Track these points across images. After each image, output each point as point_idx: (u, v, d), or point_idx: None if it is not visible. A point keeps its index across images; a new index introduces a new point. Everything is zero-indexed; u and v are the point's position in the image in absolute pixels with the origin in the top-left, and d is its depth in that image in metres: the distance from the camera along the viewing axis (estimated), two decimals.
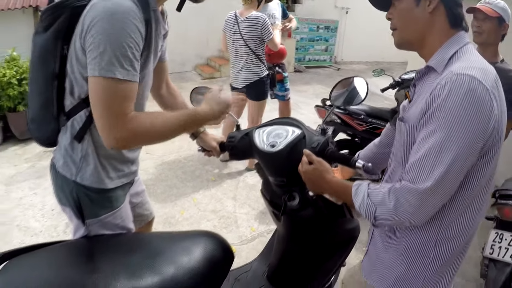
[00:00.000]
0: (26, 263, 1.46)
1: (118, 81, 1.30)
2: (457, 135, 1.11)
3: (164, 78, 1.98)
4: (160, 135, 1.47)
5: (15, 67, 5.16)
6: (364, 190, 1.32)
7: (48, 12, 1.46)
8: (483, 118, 1.11)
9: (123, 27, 1.29)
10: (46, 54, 1.48)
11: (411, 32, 1.32)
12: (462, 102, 1.09)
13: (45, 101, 1.54)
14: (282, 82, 4.80)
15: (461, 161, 1.13)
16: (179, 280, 1.43)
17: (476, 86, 1.10)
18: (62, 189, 1.63)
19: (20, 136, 5.41)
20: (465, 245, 1.36)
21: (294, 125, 1.77)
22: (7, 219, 3.67)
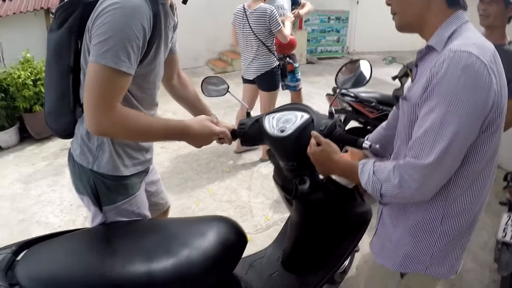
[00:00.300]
0: (45, 250, 1.52)
1: (111, 70, 1.34)
2: (457, 110, 1.12)
3: (176, 69, 2.02)
4: (141, 135, 1.54)
5: (29, 68, 5.24)
6: (369, 168, 1.34)
7: (62, 9, 1.51)
8: (482, 93, 1.13)
9: (128, 22, 1.33)
10: (61, 50, 1.53)
11: (410, 15, 1.33)
12: (460, 77, 1.11)
13: (61, 94, 1.60)
14: (293, 72, 4.80)
15: (462, 135, 1.14)
16: (193, 261, 1.47)
17: (473, 62, 1.12)
18: (79, 178, 1.68)
19: (36, 136, 5.50)
20: (471, 222, 1.37)
21: (303, 110, 1.80)
22: (27, 215, 3.76)
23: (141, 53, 1.44)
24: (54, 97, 1.63)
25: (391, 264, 1.47)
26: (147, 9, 1.40)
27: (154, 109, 1.78)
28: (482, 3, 2.67)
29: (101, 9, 1.35)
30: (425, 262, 1.40)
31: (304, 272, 2.16)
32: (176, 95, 2.08)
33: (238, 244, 1.68)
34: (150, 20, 1.42)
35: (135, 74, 1.49)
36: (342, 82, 1.83)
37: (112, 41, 1.32)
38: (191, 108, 2.11)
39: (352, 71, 1.81)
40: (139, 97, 1.63)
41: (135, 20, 1.35)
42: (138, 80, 1.56)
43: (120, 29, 1.33)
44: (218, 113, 2.16)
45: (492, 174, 1.35)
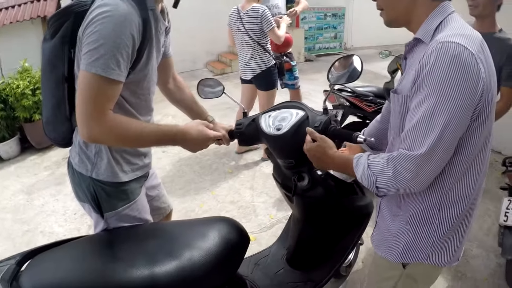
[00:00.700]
0: (49, 259, 1.53)
1: (101, 78, 1.35)
2: (447, 100, 1.13)
3: (171, 73, 2.02)
4: (133, 142, 1.54)
5: (28, 77, 5.25)
6: (364, 161, 1.34)
7: (54, 19, 1.53)
8: (471, 82, 1.13)
9: (117, 30, 1.34)
10: (55, 59, 1.55)
11: (396, 10, 1.33)
12: (448, 68, 1.12)
13: (57, 103, 1.61)
14: (291, 71, 4.80)
15: (453, 125, 1.15)
16: (196, 263, 1.47)
17: (461, 52, 1.12)
18: (79, 185, 1.69)
19: (37, 145, 5.51)
20: (469, 208, 1.37)
21: (298, 108, 1.82)
22: (31, 226, 3.77)
23: (131, 60, 1.45)
24: (50, 106, 1.64)
25: (392, 255, 1.48)
26: (136, 16, 1.41)
27: (150, 115, 1.78)
28: None
29: (91, 18, 1.36)
30: (425, 251, 1.41)
31: (309, 268, 2.17)
32: (173, 99, 2.09)
33: (240, 244, 1.69)
34: (139, 27, 1.43)
35: (129, 80, 1.51)
36: (336, 78, 1.83)
37: (102, 50, 1.33)
38: (188, 111, 2.11)
39: (345, 67, 1.82)
40: (134, 103, 1.64)
41: (124, 28, 1.36)
42: (132, 87, 1.58)
43: (110, 38, 1.34)
44: (218, 114, 2.17)
45: (486, 160, 1.35)
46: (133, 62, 1.48)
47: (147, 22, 1.46)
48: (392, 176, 1.24)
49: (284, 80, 4.84)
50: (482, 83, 1.16)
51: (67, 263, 1.51)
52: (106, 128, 1.40)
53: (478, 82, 1.15)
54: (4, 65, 5.71)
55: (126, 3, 1.38)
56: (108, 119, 1.40)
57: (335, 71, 1.83)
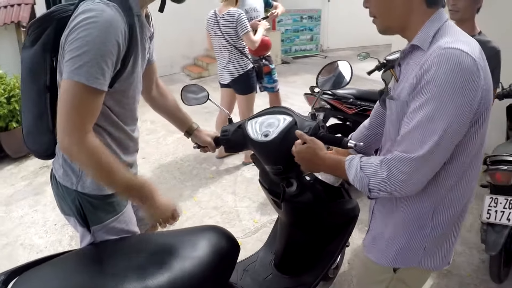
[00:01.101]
0: (35, 277, 1.48)
1: (84, 86, 1.31)
2: (448, 105, 1.14)
3: (154, 80, 1.98)
4: (101, 175, 1.43)
5: (2, 85, 5.12)
6: (356, 163, 1.34)
7: (34, 26, 1.48)
8: (472, 89, 1.15)
9: (101, 36, 1.30)
10: (36, 68, 1.50)
11: (391, 19, 1.33)
12: (451, 74, 1.13)
13: (39, 113, 1.55)
14: (270, 74, 4.81)
15: (452, 130, 1.16)
16: (189, 273, 1.46)
17: (464, 59, 1.14)
18: (64, 199, 1.64)
19: (13, 155, 5.37)
20: (461, 211, 1.39)
21: (285, 113, 1.81)
22: (11, 239, 3.67)
23: (115, 68, 1.41)
24: (31, 116, 1.59)
25: (384, 260, 1.48)
26: (122, 22, 1.37)
27: (135, 124, 1.74)
28: None
29: (74, 24, 1.32)
30: (418, 256, 1.42)
31: (298, 273, 2.17)
32: (156, 106, 2.04)
33: (231, 252, 1.68)
34: (125, 34, 1.39)
35: (114, 89, 1.47)
36: (322, 83, 1.84)
37: (86, 57, 1.29)
38: (172, 118, 2.08)
39: (331, 72, 1.83)
40: (119, 112, 1.60)
41: (109, 34, 1.32)
42: (117, 96, 1.54)
43: (94, 44, 1.30)
44: (199, 119, 2.15)
45: (480, 164, 1.37)
46: (118, 71, 1.44)
47: (133, 28, 1.42)
48: (386, 177, 1.24)
49: (263, 83, 4.84)
50: (481, 89, 1.18)
51: (56, 280, 1.46)
52: (84, 148, 1.35)
53: (478, 88, 1.16)
54: None
55: (111, 8, 1.34)
56: (89, 140, 1.36)
57: (322, 76, 1.84)
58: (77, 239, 3.46)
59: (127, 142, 1.69)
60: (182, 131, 2.09)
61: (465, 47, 1.16)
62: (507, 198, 2.57)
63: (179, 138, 5.57)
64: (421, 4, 1.27)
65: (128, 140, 1.69)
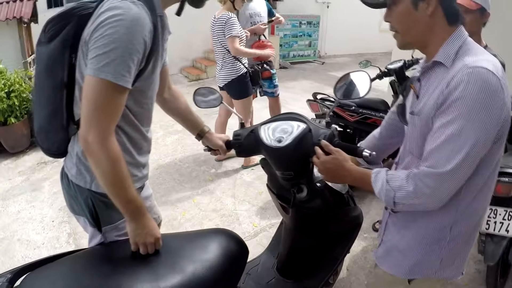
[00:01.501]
0: (45, 276, 1.46)
1: (110, 84, 1.32)
2: (476, 123, 1.18)
3: (167, 81, 1.97)
4: (110, 176, 1.41)
5: (2, 79, 5.11)
6: (383, 176, 1.37)
7: (53, 22, 1.47)
8: (497, 107, 1.18)
9: (129, 34, 1.31)
10: (54, 64, 1.48)
11: (413, 35, 1.35)
12: (479, 93, 1.17)
13: (53, 110, 1.54)
14: (271, 79, 4.79)
15: (478, 147, 1.20)
16: (201, 276, 1.46)
17: (491, 78, 1.17)
18: (75, 198, 1.63)
19: (11, 149, 5.36)
20: (478, 221, 1.42)
21: (298, 120, 1.82)
22: (7, 233, 3.65)
23: (139, 67, 1.42)
24: (45, 113, 1.57)
25: (400, 272, 1.51)
26: (148, 21, 1.37)
27: (149, 125, 1.74)
28: None
29: (101, 21, 1.32)
30: (434, 267, 1.44)
31: (301, 278, 2.18)
32: (168, 108, 2.03)
33: (241, 255, 1.70)
34: (150, 33, 1.39)
35: (135, 89, 1.46)
36: (337, 90, 1.89)
37: (113, 54, 1.30)
38: (183, 121, 2.07)
39: (345, 82, 1.87)
40: (138, 112, 1.59)
41: (136, 32, 1.32)
42: (137, 95, 1.53)
43: (121, 42, 1.30)
44: None
45: (496, 176, 1.41)
46: (141, 69, 1.44)
47: (156, 28, 1.43)
48: (413, 191, 1.27)
49: (264, 88, 4.86)
50: (506, 107, 1.21)
51: (66, 280, 1.44)
52: (105, 149, 1.35)
53: (503, 107, 1.20)
54: None
55: (138, 6, 1.34)
56: (112, 142, 1.37)
57: (339, 87, 1.88)
58: (75, 236, 3.50)
59: (141, 142, 1.68)
60: (193, 133, 2.08)
61: (490, 66, 1.19)
62: (506, 210, 2.59)
63: (178, 139, 5.58)
64: (443, 22, 1.30)
65: (143, 141, 1.69)
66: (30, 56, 6.06)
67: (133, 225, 1.51)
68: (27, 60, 5.90)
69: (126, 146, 1.60)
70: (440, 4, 1.28)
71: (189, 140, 5.43)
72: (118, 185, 1.43)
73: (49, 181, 4.59)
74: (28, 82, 5.47)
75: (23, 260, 3.27)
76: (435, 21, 1.30)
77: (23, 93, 5.29)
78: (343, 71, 8.17)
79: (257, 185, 4.31)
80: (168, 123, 5.66)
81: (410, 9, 1.30)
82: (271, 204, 3.86)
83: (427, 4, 1.27)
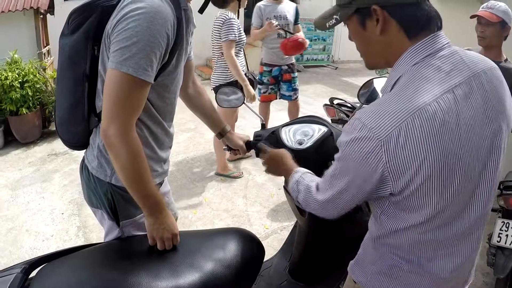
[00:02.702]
0: (61, 268, 1.44)
1: (131, 78, 1.30)
2: None
3: (191, 76, 1.95)
4: (130, 170, 1.39)
5: (17, 69, 5.13)
6: (298, 176, 1.46)
7: (77, 13, 1.45)
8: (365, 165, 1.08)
9: (152, 28, 1.29)
10: (77, 55, 1.46)
11: (372, 56, 1.21)
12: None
13: (75, 102, 1.52)
14: (290, 82, 4.75)
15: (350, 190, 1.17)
16: (219, 275, 1.44)
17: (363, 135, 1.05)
18: (95, 191, 1.61)
19: (22, 139, 5.38)
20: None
21: (319, 123, 1.85)
22: (16, 224, 3.65)
23: (162, 61, 1.40)
24: (67, 105, 1.55)
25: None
26: (171, 15, 1.35)
27: (171, 120, 1.71)
28: (479, 25, 2.83)
29: (123, 14, 1.30)
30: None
31: (313, 281, 2.17)
32: (192, 105, 2.01)
33: (258, 255, 1.69)
34: (174, 27, 1.38)
35: (158, 83, 1.45)
36: (361, 95, 1.90)
37: (135, 48, 1.28)
38: (206, 118, 2.05)
39: (368, 88, 1.90)
40: (160, 107, 1.57)
41: (159, 26, 1.30)
42: (160, 90, 1.52)
43: (144, 36, 1.28)
44: (199, 120, 2.14)
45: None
46: (164, 64, 1.42)
47: (180, 22, 1.41)
48: (304, 201, 1.39)
49: (282, 91, 4.83)
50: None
51: (82, 273, 1.42)
52: (125, 143, 1.34)
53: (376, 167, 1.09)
54: None
55: (161, 0, 1.33)
56: (133, 136, 1.36)
57: (363, 90, 1.89)
58: (85, 230, 3.48)
59: (163, 137, 1.66)
60: (214, 132, 2.07)
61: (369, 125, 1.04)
62: None
63: (190, 137, 5.56)
64: (400, 37, 1.10)
65: (164, 135, 1.67)
66: (45, 47, 6.07)
67: (151, 220, 1.49)
68: (42, 51, 5.91)
69: (148, 141, 1.59)
70: (392, 16, 1.08)
71: (201, 139, 5.43)
72: (137, 179, 1.41)
73: (59, 173, 4.59)
74: (42, 73, 5.48)
75: (31, 250, 3.27)
76: (390, 38, 1.11)
77: (36, 84, 5.31)
78: (356, 77, 8.21)
79: (269, 187, 4.28)
80: (181, 121, 5.63)
81: (358, 29, 1.16)
82: (282, 206, 3.85)
83: (375, 20, 1.09)
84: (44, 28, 6.19)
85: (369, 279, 1.34)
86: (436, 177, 1.04)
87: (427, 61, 1.07)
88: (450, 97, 1.03)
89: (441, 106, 1.01)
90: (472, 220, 1.18)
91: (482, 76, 1.10)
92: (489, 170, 1.14)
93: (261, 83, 4.81)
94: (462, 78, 1.07)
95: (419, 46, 1.08)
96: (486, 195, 1.17)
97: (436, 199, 1.08)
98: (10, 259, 3.15)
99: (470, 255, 1.25)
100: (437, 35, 1.09)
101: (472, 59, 1.12)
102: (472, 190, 1.14)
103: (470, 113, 1.06)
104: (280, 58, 4.63)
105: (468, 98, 1.06)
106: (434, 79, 1.05)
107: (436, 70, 1.06)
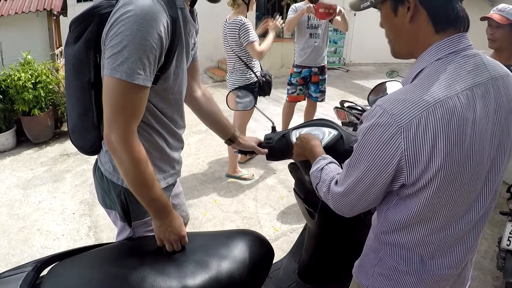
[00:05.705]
0: (72, 266, 1.46)
1: (126, 83, 1.28)
2: None
3: (197, 78, 1.92)
4: (132, 178, 1.40)
5: (30, 70, 5.18)
6: (323, 163, 1.44)
7: (77, 23, 1.45)
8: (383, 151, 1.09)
9: (142, 30, 1.26)
10: (80, 65, 1.46)
11: (399, 44, 1.22)
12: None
13: (83, 110, 1.53)
14: (318, 84, 4.85)
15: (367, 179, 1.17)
16: (228, 276, 1.45)
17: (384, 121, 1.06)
18: (109, 193, 1.62)
19: (34, 140, 5.44)
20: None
21: (330, 126, 1.84)
22: (28, 223, 3.69)
23: (159, 62, 1.38)
24: (76, 113, 1.56)
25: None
26: (164, 14, 1.32)
27: (182, 120, 1.71)
28: (490, 28, 2.84)
29: (115, 19, 1.29)
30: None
31: (322, 284, 2.16)
32: (200, 110, 1.97)
33: (267, 257, 1.68)
34: (167, 27, 1.35)
35: (159, 87, 1.45)
36: (372, 101, 1.89)
37: (127, 52, 1.26)
38: (215, 124, 2.01)
39: (379, 92, 1.88)
40: (166, 109, 1.57)
41: (150, 28, 1.27)
42: (163, 93, 1.51)
43: (134, 39, 1.26)
44: (199, 123, 2.13)
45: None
46: (162, 66, 1.41)
47: (176, 21, 1.39)
48: (326, 192, 1.35)
49: (309, 91, 4.95)
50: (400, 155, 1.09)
51: (93, 271, 1.43)
52: (127, 148, 1.34)
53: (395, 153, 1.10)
54: (5, 56, 5.61)
55: (152, 0, 1.30)
56: (134, 141, 1.36)
57: (373, 95, 1.88)
58: (95, 230, 3.51)
59: (173, 139, 1.67)
60: (223, 138, 2.04)
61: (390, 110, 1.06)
62: None
63: (201, 139, 5.57)
64: (428, 29, 1.12)
65: (174, 137, 1.68)
66: (58, 49, 6.12)
67: (158, 222, 1.50)
68: (55, 52, 5.96)
69: (158, 144, 1.59)
70: (423, 6, 1.09)
71: (212, 141, 5.43)
72: (141, 183, 1.41)
73: (71, 173, 4.62)
74: (55, 74, 5.53)
75: (42, 249, 3.30)
76: (418, 28, 1.12)
77: (49, 85, 5.37)
78: (367, 80, 8.19)
79: (279, 189, 4.28)
80: (192, 122, 5.62)
81: (390, 14, 1.17)
82: (292, 209, 3.84)
83: (406, 8, 1.11)
84: (57, 30, 6.25)
85: (371, 281, 1.35)
86: (449, 170, 1.06)
87: (451, 58, 1.09)
88: (470, 94, 1.05)
89: (461, 102, 1.04)
90: (476, 217, 1.20)
91: (499, 81, 1.13)
92: (495, 169, 1.18)
93: (290, 83, 4.94)
94: (481, 79, 1.09)
95: (445, 42, 1.10)
96: (491, 192, 1.20)
97: (446, 194, 1.11)
98: (21, 257, 3.18)
99: (469, 252, 1.27)
100: (463, 36, 1.11)
101: (491, 63, 1.15)
102: (480, 187, 1.17)
103: (484, 112, 1.08)
104: (313, 60, 4.78)
105: (485, 98, 1.09)
106: (455, 75, 1.07)
107: (458, 67, 1.08)
